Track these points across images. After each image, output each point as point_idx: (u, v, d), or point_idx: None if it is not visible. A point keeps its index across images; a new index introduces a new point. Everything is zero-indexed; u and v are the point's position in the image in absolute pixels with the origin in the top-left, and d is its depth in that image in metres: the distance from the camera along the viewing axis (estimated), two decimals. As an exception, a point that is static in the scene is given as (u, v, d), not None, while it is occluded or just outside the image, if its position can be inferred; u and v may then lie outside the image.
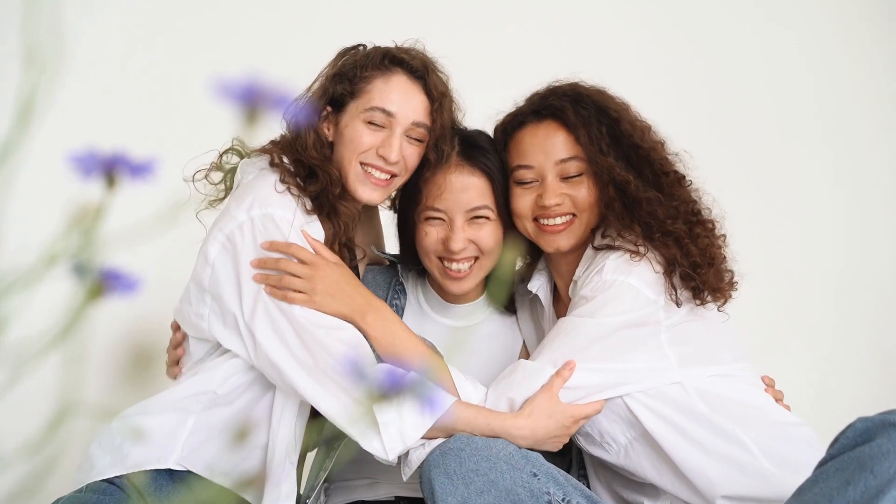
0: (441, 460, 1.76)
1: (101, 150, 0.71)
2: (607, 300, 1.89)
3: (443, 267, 2.09)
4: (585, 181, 2.00)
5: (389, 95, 1.99)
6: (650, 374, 1.90)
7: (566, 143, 2.01)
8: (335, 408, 1.84)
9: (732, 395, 1.94)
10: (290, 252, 1.87)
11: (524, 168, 2.04)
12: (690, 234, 1.95)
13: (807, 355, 3.58)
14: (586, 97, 2.03)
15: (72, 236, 0.68)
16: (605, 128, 2.00)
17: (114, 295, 0.68)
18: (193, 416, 1.94)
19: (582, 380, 1.88)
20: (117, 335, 1.43)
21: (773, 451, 1.90)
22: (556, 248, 2.03)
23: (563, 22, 3.71)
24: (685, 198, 1.99)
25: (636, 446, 1.96)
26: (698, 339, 1.95)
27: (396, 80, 2.00)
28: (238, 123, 0.68)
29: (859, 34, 3.85)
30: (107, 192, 0.70)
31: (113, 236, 0.70)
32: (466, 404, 1.87)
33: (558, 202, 2.00)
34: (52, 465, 0.79)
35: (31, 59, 0.69)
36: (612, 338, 1.88)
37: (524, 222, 2.06)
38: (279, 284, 1.86)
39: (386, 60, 2.01)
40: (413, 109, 2.00)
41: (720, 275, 1.97)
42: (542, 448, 1.89)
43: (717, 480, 1.88)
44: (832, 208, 3.83)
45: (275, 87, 0.68)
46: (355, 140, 1.98)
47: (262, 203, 1.90)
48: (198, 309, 1.95)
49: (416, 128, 2.01)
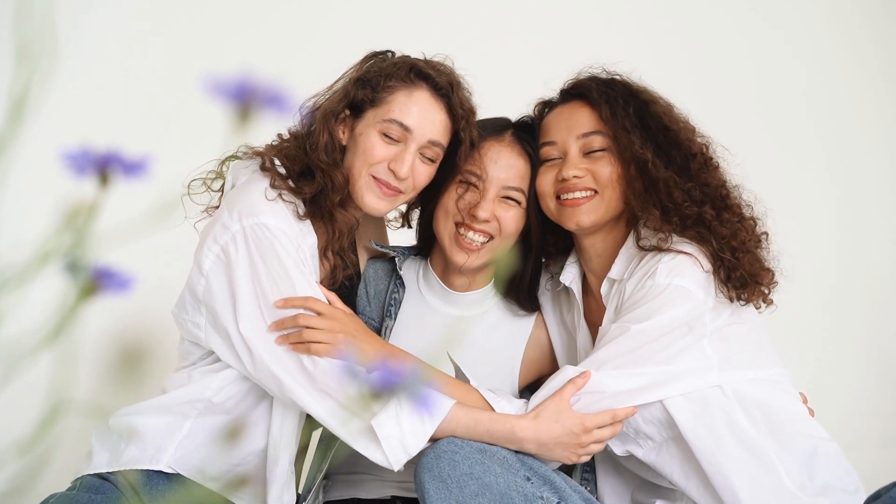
0: (435, 463, 1.76)
1: (94, 147, 0.70)
2: (661, 304, 1.87)
3: (456, 234, 2.08)
4: (608, 157, 1.98)
5: (410, 110, 1.96)
6: (692, 376, 1.88)
7: (590, 118, 2.00)
8: (336, 418, 1.83)
9: (769, 402, 1.92)
10: (308, 306, 1.85)
11: (548, 145, 2.04)
12: (719, 217, 1.93)
13: (803, 352, 3.59)
14: (619, 82, 2.03)
15: (65, 234, 0.68)
16: (633, 108, 1.98)
17: (107, 293, 0.68)
18: (190, 421, 1.95)
19: (626, 384, 1.86)
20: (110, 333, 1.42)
21: (801, 474, 1.87)
22: (576, 222, 2.00)
23: (557, 26, 3.72)
24: (713, 182, 1.97)
25: (671, 446, 1.94)
26: (739, 343, 1.93)
27: (419, 96, 1.98)
28: (231, 121, 0.67)
29: (853, 33, 3.86)
30: (100, 190, 0.70)
31: (106, 234, 0.70)
32: (466, 408, 1.84)
33: (578, 174, 1.98)
34: (44, 463, 0.79)
35: (24, 55, 0.69)
36: (660, 341, 1.86)
37: (547, 200, 2.04)
38: (300, 339, 1.84)
39: (412, 74, 1.98)
40: (431, 127, 1.98)
41: (758, 261, 1.94)
42: (552, 456, 1.86)
43: (743, 496, 1.86)
44: (825, 208, 3.84)
45: (268, 85, 0.68)
46: (368, 150, 1.96)
47: (253, 211, 1.87)
48: (194, 318, 1.94)
49: (432, 147, 1.99)
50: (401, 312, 2.19)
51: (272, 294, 1.85)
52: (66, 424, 0.76)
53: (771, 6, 3.85)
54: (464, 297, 2.20)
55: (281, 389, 1.86)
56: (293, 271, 1.86)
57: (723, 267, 1.89)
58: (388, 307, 2.18)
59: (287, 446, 1.94)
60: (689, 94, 3.65)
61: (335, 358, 1.83)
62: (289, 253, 1.87)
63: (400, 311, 2.18)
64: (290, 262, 1.86)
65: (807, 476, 1.87)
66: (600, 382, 1.87)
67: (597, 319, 2.07)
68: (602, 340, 1.92)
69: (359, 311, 2.19)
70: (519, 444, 1.84)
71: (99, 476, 1.90)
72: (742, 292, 1.91)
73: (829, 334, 3.75)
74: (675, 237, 1.93)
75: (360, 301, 2.20)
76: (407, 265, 2.24)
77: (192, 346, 1.99)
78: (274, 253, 1.85)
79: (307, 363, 1.83)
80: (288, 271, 1.86)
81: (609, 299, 2.01)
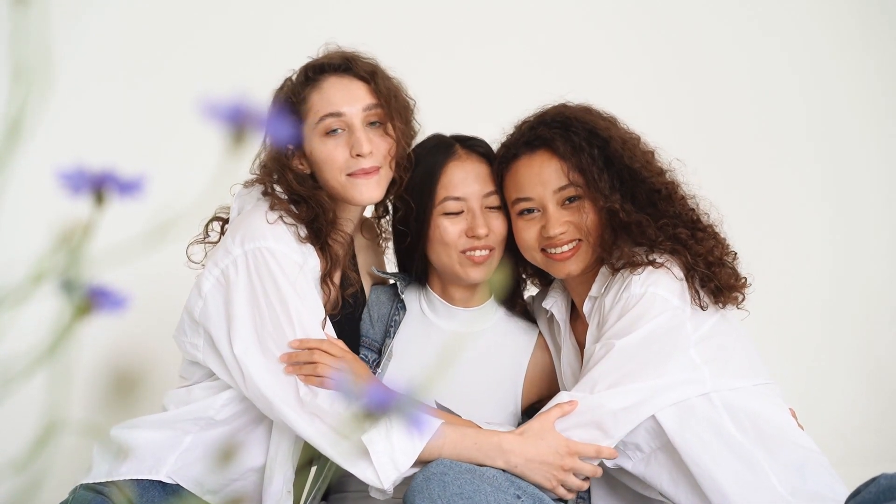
0: (425, 486, 1.77)
1: (89, 167, 0.71)
2: (638, 314, 1.91)
3: (465, 257, 2.11)
4: (585, 204, 2.03)
5: (329, 99, 2.00)
6: (683, 386, 1.91)
7: (560, 171, 2.03)
8: (327, 439, 1.85)
9: (759, 412, 1.94)
10: (323, 349, 1.89)
11: (524, 200, 2.07)
12: (694, 237, 1.98)
13: (796, 365, 3.58)
14: (575, 121, 2.05)
15: (60, 254, 0.68)
16: (597, 150, 2.02)
17: (102, 313, 0.68)
18: (191, 436, 1.97)
19: (621, 401, 1.88)
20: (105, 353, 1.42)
21: (792, 481, 1.88)
22: (566, 274, 2.05)
23: (552, 33, 3.73)
24: (681, 211, 2.02)
25: (659, 456, 1.95)
26: (728, 352, 1.96)
27: (327, 84, 2.02)
28: (225, 144, 0.68)
29: (851, 40, 3.87)
30: (95, 210, 0.70)
31: (101, 254, 0.70)
32: (454, 426, 1.88)
33: (563, 230, 2.02)
34: (39, 481, 0.79)
35: (20, 75, 0.69)
36: (646, 352, 1.89)
37: (532, 253, 2.09)
38: (314, 372, 1.87)
39: (309, 73, 2.04)
40: (356, 98, 2.01)
41: (734, 273, 2.00)
42: (534, 476, 1.87)
43: (734, 499, 1.87)
44: (820, 217, 3.84)
45: (263, 107, 0.68)
46: (328, 160, 1.99)
47: (255, 236, 1.90)
48: (192, 339, 1.97)
49: (370, 111, 2.02)
50: (403, 332, 2.20)
51: (269, 319, 1.88)
52: (61, 443, 0.76)
53: (767, 14, 3.86)
54: (465, 311, 2.22)
55: (271, 410, 1.89)
56: (291, 297, 1.89)
57: (696, 276, 1.94)
58: (390, 328, 2.20)
59: (282, 465, 1.95)
60: (685, 103, 3.67)
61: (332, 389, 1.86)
62: (289, 278, 1.89)
63: (401, 331, 2.20)
64: (288, 287, 1.89)
65: (798, 482, 1.88)
66: (596, 403, 1.89)
67: (585, 340, 2.09)
68: (590, 362, 1.94)
69: (362, 334, 2.21)
70: (505, 458, 1.86)
71: (93, 489, 1.90)
72: (717, 299, 1.96)
73: (822, 347, 3.75)
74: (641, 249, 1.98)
75: (363, 325, 2.23)
76: (408, 290, 2.26)
77: (193, 366, 2.02)
78: (272, 278, 1.88)
79: (302, 388, 1.86)
80: (285, 297, 1.88)
81: (591, 316, 2.04)
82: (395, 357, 2.17)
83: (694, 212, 2.04)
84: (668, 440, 1.92)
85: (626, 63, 3.74)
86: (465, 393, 2.10)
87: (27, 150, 0.78)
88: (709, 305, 1.95)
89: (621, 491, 2.11)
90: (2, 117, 0.73)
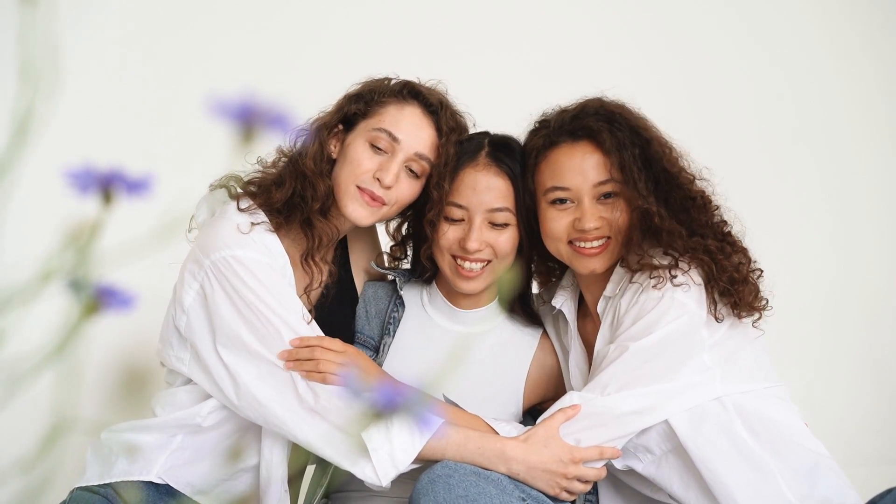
0: (430, 488, 1.77)
1: (97, 166, 0.71)
2: (657, 318, 1.88)
3: (455, 265, 2.08)
4: (619, 203, 1.98)
5: (399, 122, 2.00)
6: (695, 390, 1.89)
7: (602, 166, 1.98)
8: (325, 439, 1.85)
9: (770, 415, 1.93)
10: (323, 346, 1.89)
11: (560, 189, 2.01)
12: (723, 251, 1.94)
13: (798, 367, 3.58)
14: (619, 116, 2.02)
15: (68, 253, 0.68)
16: (639, 149, 1.98)
17: (109, 311, 0.68)
18: (180, 436, 1.98)
19: (631, 405, 1.87)
20: (113, 352, 1.42)
21: (801, 486, 1.88)
22: (590, 270, 2.01)
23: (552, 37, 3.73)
24: (712, 221, 1.99)
25: (670, 458, 1.94)
26: (740, 355, 1.94)
27: (410, 111, 2.02)
28: (234, 142, 0.68)
29: (849, 45, 3.87)
30: (103, 209, 0.70)
31: (109, 253, 0.70)
32: (456, 427, 1.87)
33: (597, 225, 1.98)
34: (46, 481, 0.79)
35: (27, 74, 0.69)
36: (661, 358, 1.87)
37: (558, 245, 2.03)
38: (316, 369, 1.87)
39: (405, 91, 2.04)
40: (419, 141, 2.01)
41: (756, 291, 1.96)
42: (536, 483, 1.87)
43: (744, 503, 1.87)
44: (821, 218, 3.83)
45: (271, 105, 0.68)
46: (355, 161, 1.99)
47: (218, 245, 1.90)
48: (179, 353, 1.97)
49: (419, 160, 2.01)
50: (402, 330, 2.19)
51: (254, 324, 1.88)
52: (68, 442, 0.76)
53: (767, 23, 3.86)
54: (469, 314, 2.20)
55: (265, 417, 1.88)
56: (269, 300, 1.89)
57: (715, 286, 1.92)
58: (388, 325, 2.18)
59: (278, 466, 1.96)
60: (685, 112, 3.66)
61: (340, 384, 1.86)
62: (262, 282, 1.89)
63: (401, 329, 2.19)
64: (264, 291, 1.89)
65: (807, 488, 1.87)
66: (605, 406, 1.88)
67: (593, 340, 2.07)
68: (603, 363, 1.93)
69: (358, 330, 2.20)
70: (508, 465, 1.85)
71: (90, 490, 1.90)
72: (733, 312, 1.93)
73: (824, 349, 3.74)
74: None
75: (359, 320, 2.21)
76: (408, 286, 2.25)
77: (172, 375, 2.03)
78: (245, 285, 1.88)
79: (301, 388, 1.85)
80: (265, 300, 1.88)
81: (604, 315, 2.02)
82: (395, 354, 2.16)
83: (725, 224, 2.00)
84: (679, 443, 1.90)
85: (627, 66, 3.73)
86: (466, 393, 2.09)
87: (35, 149, 0.78)
88: (724, 317, 1.92)
89: (628, 492, 2.10)
90: (10, 117, 0.73)
